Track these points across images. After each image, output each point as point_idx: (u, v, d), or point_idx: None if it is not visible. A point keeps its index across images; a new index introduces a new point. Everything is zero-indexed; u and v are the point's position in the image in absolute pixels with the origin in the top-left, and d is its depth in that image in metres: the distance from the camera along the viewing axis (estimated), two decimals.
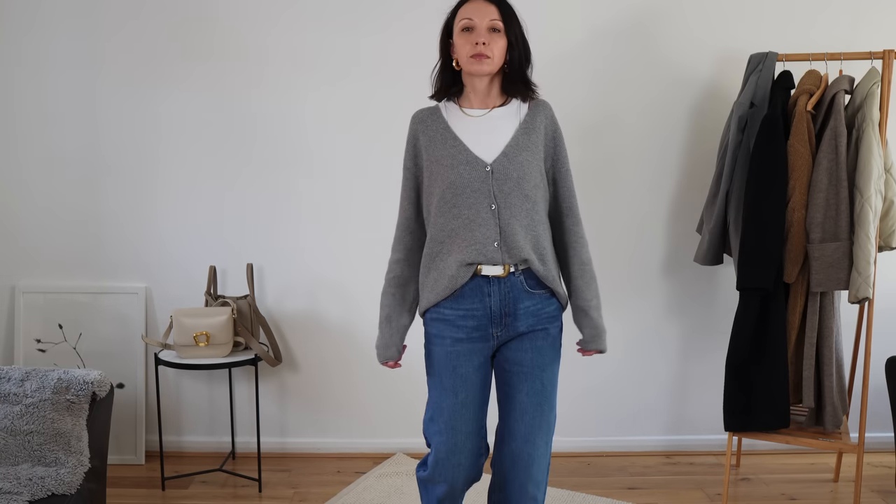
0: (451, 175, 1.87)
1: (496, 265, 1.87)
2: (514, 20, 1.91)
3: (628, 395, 3.21)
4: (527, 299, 1.90)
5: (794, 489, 2.88)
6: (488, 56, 1.85)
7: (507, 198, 1.86)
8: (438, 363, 1.93)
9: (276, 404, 3.19)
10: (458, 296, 1.89)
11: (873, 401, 3.02)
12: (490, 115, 1.93)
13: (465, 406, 1.91)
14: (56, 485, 2.05)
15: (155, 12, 2.97)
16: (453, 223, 1.88)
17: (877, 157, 2.47)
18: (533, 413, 1.90)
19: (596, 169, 3.08)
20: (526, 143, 1.90)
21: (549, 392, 1.93)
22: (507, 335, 1.92)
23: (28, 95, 3.02)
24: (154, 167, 3.06)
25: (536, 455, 1.91)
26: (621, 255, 3.13)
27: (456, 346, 1.91)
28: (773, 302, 2.57)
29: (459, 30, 1.88)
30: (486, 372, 1.96)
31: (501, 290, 1.88)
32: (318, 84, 3.01)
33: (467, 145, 1.89)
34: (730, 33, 2.99)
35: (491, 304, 1.89)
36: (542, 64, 3.00)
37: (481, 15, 1.86)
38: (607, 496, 2.81)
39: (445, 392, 1.91)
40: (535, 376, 1.91)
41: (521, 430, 1.90)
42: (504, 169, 1.86)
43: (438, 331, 1.92)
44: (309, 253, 3.11)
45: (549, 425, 1.93)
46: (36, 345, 3.08)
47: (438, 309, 1.92)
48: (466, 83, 1.94)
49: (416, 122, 1.98)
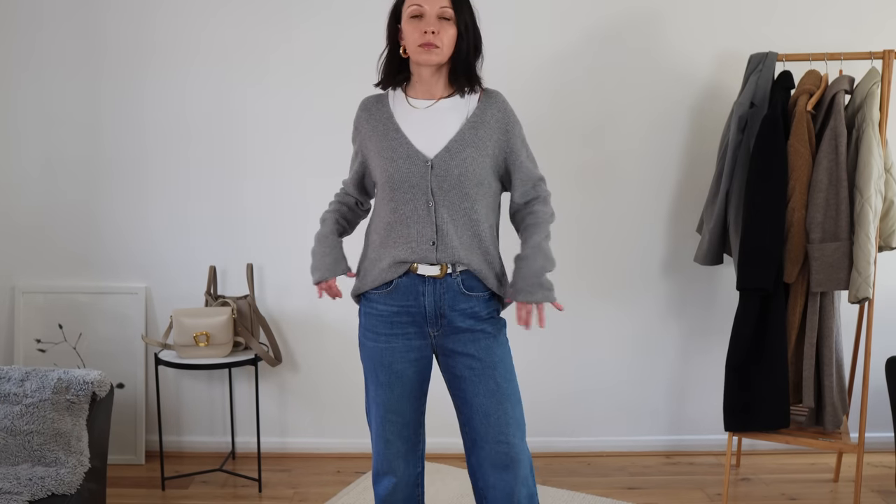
0: (390, 169, 1.81)
1: (432, 265, 1.82)
2: (465, 8, 1.81)
3: (628, 395, 3.21)
4: (463, 301, 1.84)
5: (794, 489, 2.88)
6: (437, 45, 1.77)
7: (447, 195, 1.80)
8: (373, 358, 1.89)
9: (276, 404, 3.19)
10: (393, 291, 1.85)
11: (873, 401, 3.02)
12: (436, 107, 1.85)
13: (402, 398, 1.89)
14: (56, 485, 2.05)
15: (155, 11, 2.97)
16: (390, 217, 1.84)
17: (877, 157, 2.47)
18: (497, 413, 1.83)
19: (596, 169, 3.08)
20: (472, 138, 1.82)
21: (508, 389, 1.85)
22: (444, 336, 1.86)
23: (28, 95, 3.02)
24: (154, 167, 3.06)
25: (514, 454, 1.84)
26: (621, 255, 3.13)
27: (391, 343, 1.87)
28: (773, 302, 2.57)
29: (408, 17, 1.79)
30: (425, 366, 1.91)
31: (437, 291, 1.83)
32: (318, 84, 3.01)
33: (409, 138, 1.82)
34: (730, 33, 2.99)
35: (425, 304, 1.84)
36: (543, 63, 3.03)
37: (431, 2, 1.77)
38: (607, 496, 2.81)
39: (381, 386, 1.89)
40: (487, 376, 1.84)
41: (490, 433, 1.84)
42: (445, 165, 1.79)
43: (372, 326, 1.89)
44: (309, 253, 3.09)
45: (518, 421, 1.86)
46: (36, 345, 3.08)
47: (371, 302, 1.88)
48: (413, 71, 1.87)
49: (361, 110, 1.93)
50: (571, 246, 3.10)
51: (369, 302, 1.90)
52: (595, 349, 3.17)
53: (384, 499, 1.97)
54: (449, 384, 1.92)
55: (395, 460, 1.93)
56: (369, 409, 1.96)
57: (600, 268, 3.14)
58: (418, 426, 1.97)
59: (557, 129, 3.05)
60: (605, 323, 3.17)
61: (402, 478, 1.95)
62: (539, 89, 3.01)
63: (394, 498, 1.96)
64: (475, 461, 1.89)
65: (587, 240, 3.12)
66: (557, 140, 3.05)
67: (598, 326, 3.16)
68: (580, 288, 3.13)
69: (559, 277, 3.09)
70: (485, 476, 1.87)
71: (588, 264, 3.13)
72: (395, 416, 1.91)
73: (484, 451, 1.85)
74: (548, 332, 3.14)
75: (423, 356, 1.90)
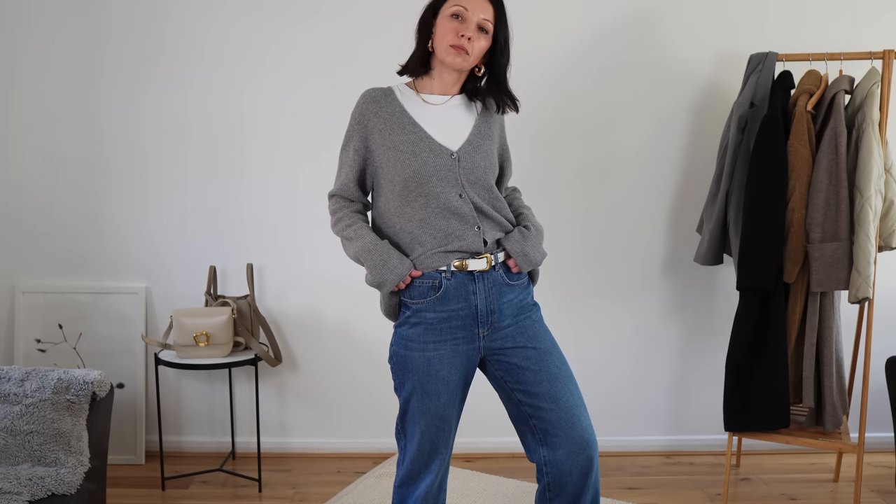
0: (415, 163, 1.79)
1: (478, 258, 1.81)
2: (505, 25, 1.83)
3: (628, 395, 3.21)
4: (509, 293, 1.84)
5: (794, 489, 2.88)
6: (468, 52, 1.77)
7: (473, 187, 1.82)
8: (419, 370, 1.81)
9: (276, 404, 3.19)
10: (442, 296, 1.80)
11: (873, 401, 3.02)
12: (450, 104, 1.88)
13: (448, 405, 1.83)
14: (56, 485, 2.05)
15: (156, 11, 2.97)
16: (422, 213, 1.80)
17: (877, 157, 2.47)
18: (565, 396, 1.80)
19: (596, 169, 3.08)
20: (487, 132, 1.88)
21: (568, 371, 1.85)
22: (494, 332, 1.83)
23: (28, 95, 3.02)
24: (154, 167, 3.06)
25: (587, 435, 1.80)
26: (621, 255, 3.13)
27: (439, 350, 1.81)
28: (773, 302, 2.57)
29: (448, 14, 1.78)
30: (470, 369, 1.87)
31: (486, 288, 1.82)
32: (318, 84, 3.01)
33: (429, 133, 1.82)
34: (730, 33, 2.99)
35: (477, 303, 1.81)
36: (543, 63, 3.03)
37: (476, 8, 1.77)
38: (607, 496, 2.81)
39: (428, 396, 1.81)
40: (548, 362, 1.82)
41: (563, 418, 1.78)
42: (470, 158, 1.82)
43: (419, 336, 1.81)
44: (309, 253, 3.11)
45: (582, 401, 1.84)
46: (36, 345, 3.08)
47: (418, 312, 1.82)
48: (434, 67, 1.86)
49: (367, 102, 1.86)
50: (572, 245, 3.10)
51: (416, 312, 1.82)
52: (595, 349, 3.17)
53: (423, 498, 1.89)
54: (504, 380, 1.86)
55: (433, 462, 1.88)
56: (411, 419, 1.85)
57: (600, 267, 3.14)
58: (456, 429, 1.92)
59: (558, 129, 3.05)
60: (605, 323, 3.17)
61: (437, 475, 1.90)
62: (539, 90, 3.00)
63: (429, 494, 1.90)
64: (547, 452, 1.83)
65: (587, 239, 3.12)
66: (558, 140, 3.05)
67: (599, 326, 3.16)
68: (581, 287, 3.13)
69: (559, 277, 3.10)
70: (560, 465, 1.80)
71: (588, 264, 3.13)
72: (442, 423, 1.84)
73: (558, 438, 1.80)
74: None
75: (469, 359, 1.85)
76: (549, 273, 2.99)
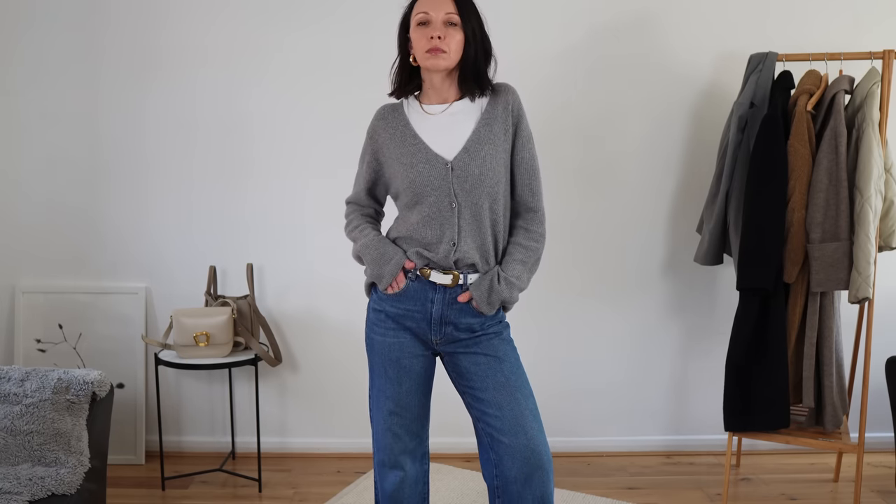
0: (412, 174, 1.85)
1: (445, 273, 1.85)
2: (471, 13, 1.84)
3: (628, 395, 3.21)
4: (469, 316, 1.87)
5: (794, 489, 2.88)
6: (444, 50, 1.80)
7: (469, 195, 1.83)
8: (381, 353, 1.92)
9: (276, 404, 3.19)
10: (402, 294, 1.89)
11: (873, 401, 3.02)
12: (450, 111, 1.89)
13: (410, 393, 1.92)
14: (56, 485, 2.05)
15: (157, 12, 2.97)
16: (416, 219, 1.87)
17: (877, 157, 2.47)
18: (510, 405, 1.81)
19: (596, 169, 3.08)
20: (488, 135, 1.85)
21: (518, 381, 1.84)
22: (446, 343, 1.89)
23: (29, 96, 3.02)
24: (154, 167, 3.06)
25: (533, 445, 1.79)
26: (621, 255, 3.13)
27: (399, 338, 1.90)
28: (773, 302, 2.57)
29: (416, 24, 1.83)
30: (430, 363, 1.95)
31: (444, 300, 1.86)
32: (318, 85, 3.01)
33: (427, 143, 1.86)
34: (730, 33, 2.99)
35: (432, 311, 1.87)
36: (543, 63, 3.03)
37: (437, 8, 1.81)
38: (607, 496, 2.81)
39: (390, 381, 1.92)
40: (495, 370, 1.84)
41: (507, 426, 1.80)
42: (465, 165, 1.82)
43: (381, 321, 1.92)
44: (309, 253, 3.11)
45: (534, 412, 1.83)
46: (36, 345, 3.08)
47: (381, 300, 1.92)
48: (425, 79, 1.90)
49: (377, 119, 1.96)
50: (571, 245, 3.10)
51: (379, 299, 1.93)
52: (595, 349, 3.17)
53: (391, 494, 1.96)
54: (456, 383, 1.94)
55: (402, 456, 1.95)
56: (375, 401, 1.96)
57: (600, 267, 3.14)
58: (424, 421, 1.98)
59: (558, 129, 3.05)
60: (604, 323, 3.17)
61: (409, 474, 1.97)
62: (539, 90, 3.00)
63: (401, 494, 1.96)
64: (493, 457, 1.84)
65: (587, 239, 3.12)
66: (558, 140, 3.05)
67: (598, 326, 3.16)
68: (580, 288, 3.13)
69: (559, 277, 3.10)
70: (505, 471, 1.81)
71: (588, 264, 3.13)
72: (403, 411, 1.93)
73: (503, 445, 1.81)
74: (548, 332, 3.14)
75: (427, 353, 1.94)
76: (549, 273, 2.99)
